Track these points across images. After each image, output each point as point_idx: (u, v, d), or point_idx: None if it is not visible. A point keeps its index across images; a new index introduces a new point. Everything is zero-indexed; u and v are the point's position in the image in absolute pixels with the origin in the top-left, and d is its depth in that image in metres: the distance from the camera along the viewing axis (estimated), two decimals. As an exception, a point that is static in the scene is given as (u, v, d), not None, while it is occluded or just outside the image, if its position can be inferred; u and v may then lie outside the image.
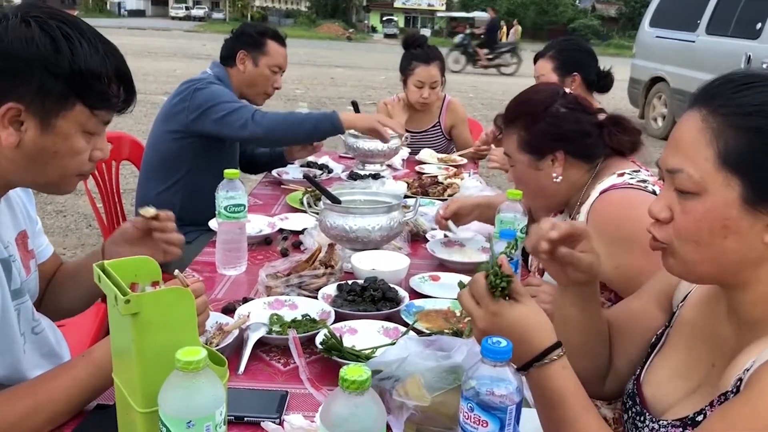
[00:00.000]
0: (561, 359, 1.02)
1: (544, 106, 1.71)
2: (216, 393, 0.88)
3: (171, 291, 0.93)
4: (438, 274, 1.92)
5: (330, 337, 1.40)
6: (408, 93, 3.57)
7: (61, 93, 1.11)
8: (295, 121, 2.59)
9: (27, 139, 1.12)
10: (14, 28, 1.08)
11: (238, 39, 2.79)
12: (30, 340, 1.32)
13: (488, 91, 14.50)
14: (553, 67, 2.78)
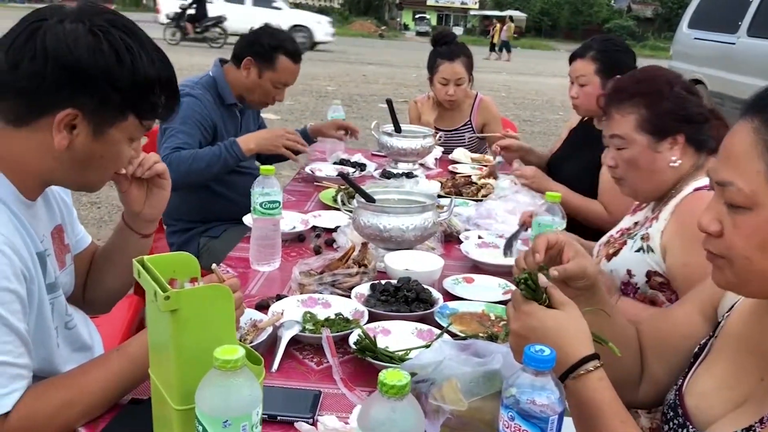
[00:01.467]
0: (598, 371, 0.99)
1: (669, 86, 1.65)
2: (253, 393, 0.88)
3: (210, 288, 0.93)
4: (472, 276, 1.90)
5: (364, 337, 1.39)
6: (435, 91, 3.55)
7: (119, 105, 1.15)
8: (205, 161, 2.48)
9: (77, 142, 1.15)
10: (82, 39, 1.10)
11: (251, 45, 2.67)
12: (63, 335, 1.33)
13: (521, 91, 14.39)
14: (595, 69, 2.65)
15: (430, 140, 3.05)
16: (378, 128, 3.14)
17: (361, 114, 9.71)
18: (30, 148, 1.15)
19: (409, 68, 18.23)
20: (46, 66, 1.08)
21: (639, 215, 1.88)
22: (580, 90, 2.70)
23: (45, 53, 1.08)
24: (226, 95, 2.69)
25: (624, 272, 1.72)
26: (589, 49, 2.70)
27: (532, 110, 11.58)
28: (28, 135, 1.14)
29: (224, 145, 2.53)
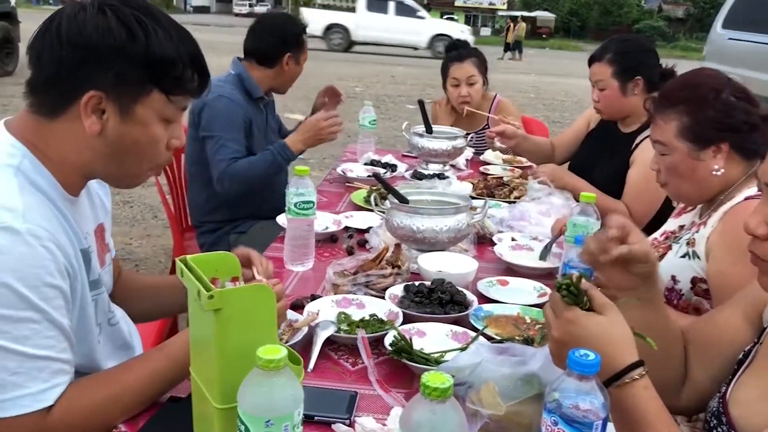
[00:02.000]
0: (643, 379, 0.97)
1: (714, 93, 1.61)
2: (295, 393, 0.88)
3: (253, 288, 0.93)
4: (506, 278, 1.88)
5: (400, 339, 1.39)
6: (449, 96, 3.53)
7: (138, 80, 1.13)
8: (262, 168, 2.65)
9: (109, 127, 1.15)
10: (91, 18, 1.11)
11: (285, 42, 2.76)
12: (105, 332, 1.34)
13: (550, 92, 14.28)
14: (612, 72, 2.58)
15: (462, 141, 3.04)
16: (409, 129, 3.14)
17: (389, 115, 9.70)
18: (67, 140, 1.16)
19: (437, 69, 18.17)
20: (62, 50, 1.10)
21: (684, 218, 1.84)
22: (600, 94, 2.65)
23: (59, 38, 1.10)
24: (253, 90, 2.76)
25: (668, 278, 1.69)
26: (605, 52, 2.63)
27: (561, 111, 11.48)
28: (63, 126, 1.15)
29: (276, 151, 2.64)
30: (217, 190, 2.64)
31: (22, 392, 1.04)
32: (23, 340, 1.03)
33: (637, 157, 2.55)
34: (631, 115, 2.66)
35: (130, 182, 1.28)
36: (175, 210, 3.03)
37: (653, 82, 2.58)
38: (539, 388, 1.17)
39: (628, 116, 2.67)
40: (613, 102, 2.63)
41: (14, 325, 1.03)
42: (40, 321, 1.05)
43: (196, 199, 2.83)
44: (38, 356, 1.05)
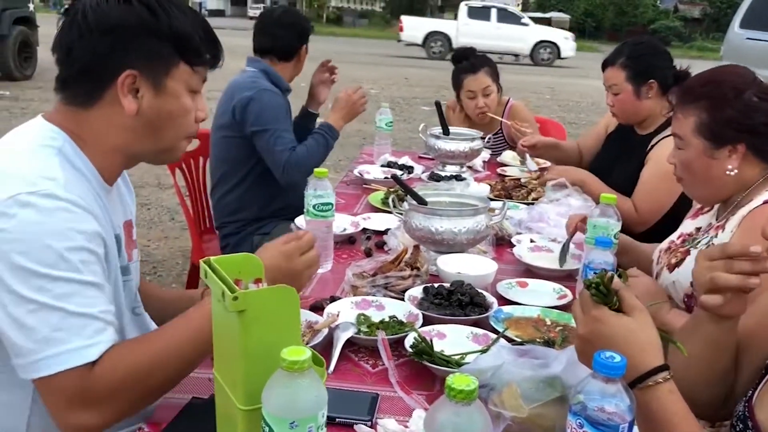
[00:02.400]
0: (668, 382, 0.96)
1: (736, 92, 1.58)
2: (319, 394, 0.88)
3: (277, 289, 0.93)
4: (526, 280, 1.88)
5: (420, 340, 1.38)
6: (465, 108, 3.50)
7: (167, 54, 1.21)
8: (319, 152, 2.80)
9: (144, 104, 1.21)
10: (114, 5, 1.18)
11: (301, 35, 2.87)
12: (131, 320, 1.37)
13: (565, 93, 14.21)
14: (626, 77, 2.56)
15: (479, 143, 3.03)
16: (426, 131, 3.13)
17: (404, 117, 9.71)
18: (106, 124, 1.21)
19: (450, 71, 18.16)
20: (93, 37, 1.17)
21: (701, 220, 1.82)
22: (615, 99, 2.63)
23: (88, 27, 1.17)
24: (281, 83, 2.84)
25: (688, 284, 1.66)
26: (618, 56, 2.61)
27: (577, 112, 11.42)
28: (101, 112, 1.21)
29: (326, 133, 2.80)
30: (280, 180, 2.73)
31: (65, 347, 1.06)
32: (65, 298, 1.07)
33: (652, 156, 2.54)
34: (647, 118, 2.64)
35: (169, 156, 1.34)
36: (193, 212, 3.04)
37: (667, 84, 2.56)
38: (562, 390, 1.16)
39: (644, 120, 2.65)
40: (628, 106, 2.61)
41: (55, 284, 1.06)
42: (81, 281, 1.09)
43: (222, 200, 2.86)
44: (80, 313, 1.08)
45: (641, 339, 0.97)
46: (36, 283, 1.05)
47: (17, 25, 10.40)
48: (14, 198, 1.06)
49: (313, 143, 2.77)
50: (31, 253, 1.05)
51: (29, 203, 1.06)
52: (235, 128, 2.72)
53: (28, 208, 1.06)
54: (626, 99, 2.59)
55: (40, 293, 1.05)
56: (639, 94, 2.57)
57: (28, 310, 1.05)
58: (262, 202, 2.80)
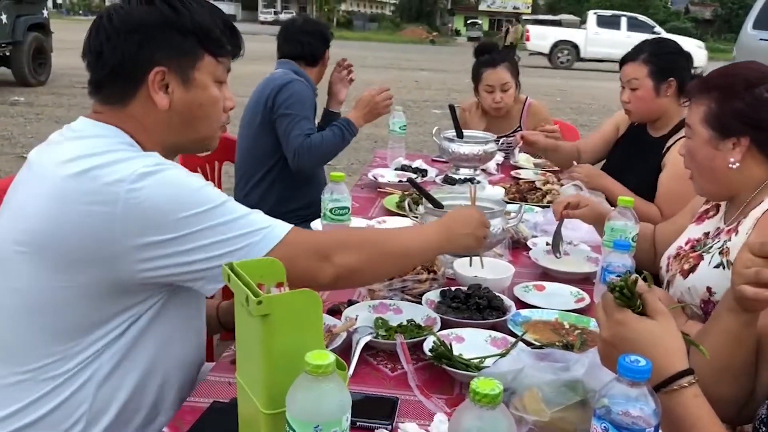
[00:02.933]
0: (693, 387, 0.96)
1: (746, 85, 1.59)
2: (343, 398, 0.88)
3: (301, 294, 0.93)
4: (543, 283, 1.87)
5: (440, 344, 1.38)
6: (481, 101, 3.51)
7: (192, 47, 1.27)
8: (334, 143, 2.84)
9: (175, 99, 1.27)
10: (137, 6, 1.25)
11: (326, 39, 2.98)
12: None
13: (576, 95, 14.17)
14: (648, 72, 2.54)
15: (493, 146, 3.02)
16: (439, 134, 3.13)
17: (415, 120, 9.70)
18: (144, 120, 1.27)
19: (461, 73, 18.09)
20: (120, 38, 1.22)
21: (708, 224, 1.81)
22: (632, 95, 2.60)
23: (114, 29, 1.23)
24: (310, 83, 2.94)
25: (704, 290, 1.65)
26: (640, 52, 2.59)
27: (589, 115, 11.38)
28: (136, 109, 1.27)
29: (344, 127, 2.85)
30: (291, 164, 2.80)
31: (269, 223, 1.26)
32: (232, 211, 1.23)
33: (669, 158, 2.52)
34: (660, 117, 2.62)
35: (206, 145, 1.41)
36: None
37: (684, 85, 2.55)
38: (583, 394, 1.16)
39: (658, 119, 2.63)
40: (646, 103, 2.59)
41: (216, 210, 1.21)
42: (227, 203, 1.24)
43: (244, 196, 2.93)
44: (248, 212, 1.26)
45: (666, 343, 0.96)
46: (204, 217, 1.18)
47: (31, 32, 10.52)
48: (139, 173, 1.15)
49: (329, 134, 2.83)
50: (185, 202, 1.18)
51: (150, 172, 1.17)
52: (265, 117, 2.83)
53: (152, 175, 1.16)
54: (645, 95, 2.56)
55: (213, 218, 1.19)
56: (658, 92, 2.56)
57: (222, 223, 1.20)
58: (279, 199, 2.88)
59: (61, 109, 9.28)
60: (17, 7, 10.16)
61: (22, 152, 6.72)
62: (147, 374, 1.28)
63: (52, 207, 1.16)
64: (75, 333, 1.20)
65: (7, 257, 1.20)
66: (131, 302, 1.22)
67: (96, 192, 1.14)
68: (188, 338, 1.36)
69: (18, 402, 1.21)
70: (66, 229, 1.15)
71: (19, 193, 1.25)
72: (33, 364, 1.20)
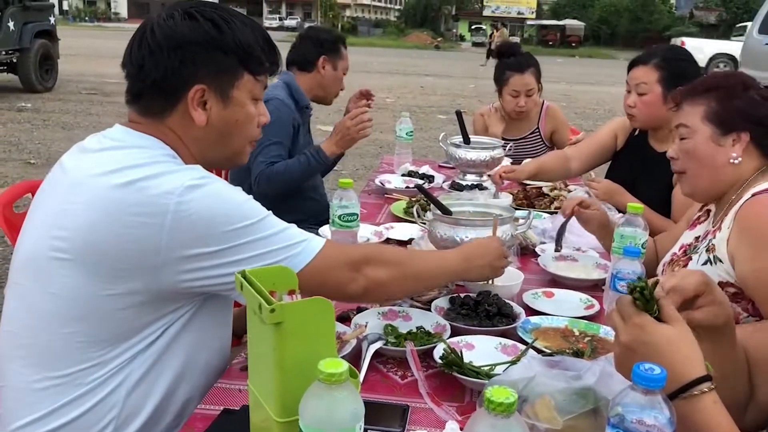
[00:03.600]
0: (711, 393, 0.95)
1: (743, 87, 1.66)
2: (356, 407, 0.88)
3: (314, 301, 0.93)
4: (552, 290, 1.86)
5: (450, 351, 1.38)
6: (504, 103, 3.52)
7: (232, 66, 1.29)
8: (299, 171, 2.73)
9: (213, 115, 1.29)
10: (181, 21, 1.26)
11: (321, 45, 2.89)
12: None
13: (581, 100, 14.16)
14: (658, 77, 2.48)
15: (500, 151, 3.01)
16: (446, 139, 3.13)
17: (420, 125, 9.70)
18: (182, 134, 1.29)
19: (466, 79, 18.19)
20: (163, 53, 1.24)
21: (699, 229, 1.82)
22: (638, 99, 2.53)
23: (157, 44, 1.24)
24: (300, 98, 2.86)
25: None
26: (652, 57, 2.53)
27: (594, 120, 11.37)
28: (174, 123, 1.29)
29: (311, 155, 2.72)
30: (253, 191, 2.65)
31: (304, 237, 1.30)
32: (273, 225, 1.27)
33: None
34: (662, 127, 2.56)
35: (238, 160, 1.43)
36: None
37: None
38: (595, 402, 1.15)
39: (660, 128, 2.58)
40: (653, 109, 2.52)
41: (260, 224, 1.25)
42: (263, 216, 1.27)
43: None
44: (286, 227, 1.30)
45: (685, 348, 0.96)
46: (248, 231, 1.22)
47: (38, 38, 10.56)
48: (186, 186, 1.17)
49: (294, 162, 2.72)
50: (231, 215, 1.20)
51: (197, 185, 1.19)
52: None
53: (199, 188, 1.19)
54: (653, 101, 2.50)
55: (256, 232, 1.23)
56: (666, 99, 2.47)
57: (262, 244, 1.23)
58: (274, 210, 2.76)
59: (68, 115, 9.31)
60: (24, 14, 10.22)
61: (29, 158, 6.75)
62: (176, 381, 1.29)
63: (96, 216, 1.16)
64: (112, 340, 1.21)
65: (43, 262, 1.20)
66: (168, 310, 1.24)
67: (144, 204, 1.15)
68: (215, 345, 1.38)
69: (48, 406, 1.21)
70: (110, 239, 1.16)
71: (53, 199, 1.25)
72: (68, 369, 1.21)
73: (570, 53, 42.50)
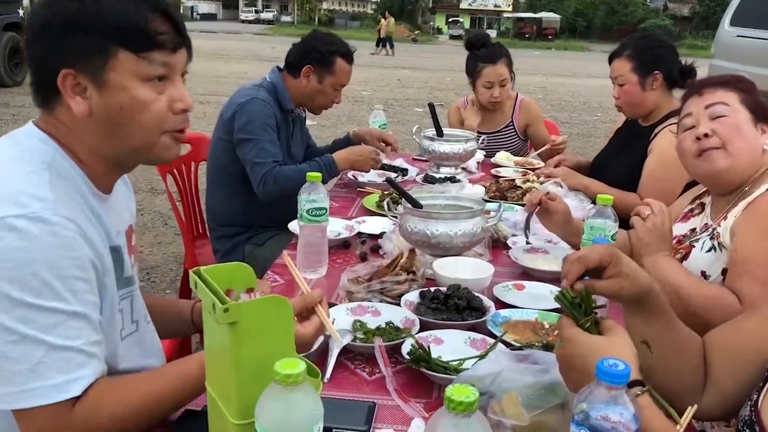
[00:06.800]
0: (642, 398, 0.95)
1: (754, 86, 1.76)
2: (314, 408, 0.85)
3: (270, 300, 0.90)
4: (522, 282, 1.85)
5: (417, 347, 1.36)
6: (477, 95, 3.52)
7: (99, 46, 1.10)
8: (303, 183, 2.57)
9: (94, 104, 1.12)
10: (44, 5, 1.13)
11: (308, 54, 2.72)
12: (143, 329, 1.32)
13: (557, 93, 14.23)
14: (632, 67, 2.62)
15: (473, 144, 3.01)
16: (419, 132, 3.11)
17: (398, 118, 9.69)
18: (72, 128, 1.15)
19: (443, 72, 18.18)
20: (32, 44, 1.13)
21: (693, 222, 1.82)
22: (620, 90, 2.68)
23: (31, 35, 1.13)
24: (284, 101, 2.74)
25: (698, 274, 1.68)
26: (625, 48, 2.68)
27: (570, 112, 11.44)
28: (62, 115, 1.15)
29: (324, 164, 2.62)
30: (257, 191, 2.60)
31: (45, 383, 1.02)
32: (49, 330, 1.02)
33: (655, 145, 2.57)
34: (652, 111, 2.68)
35: (150, 156, 1.22)
36: (186, 218, 3.01)
37: (672, 78, 2.59)
38: (563, 396, 1.14)
39: (650, 113, 2.69)
40: (633, 97, 2.65)
41: (41, 314, 1.01)
42: (67, 311, 1.03)
43: (216, 204, 2.80)
44: (64, 347, 1.03)
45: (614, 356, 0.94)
46: (20, 313, 1.00)
47: (7, 31, 10.37)
48: (2, 221, 1.01)
49: (305, 167, 2.57)
50: (16, 280, 1.00)
51: (16, 227, 1.01)
52: (228, 133, 2.66)
53: (15, 232, 1.01)
54: (631, 90, 2.64)
55: (25, 324, 1.00)
56: (644, 86, 2.62)
57: (10, 340, 1.00)
58: (252, 210, 2.70)
59: (38, 109, 9.14)
60: (-8, 7, 10.02)
61: (-3, 154, 6.60)
62: None
63: None
64: None
65: None
66: None
67: None
68: None
69: None
70: None
71: None
72: None
73: (546, 46, 42.72)
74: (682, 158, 1.77)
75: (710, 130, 1.68)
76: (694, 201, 1.91)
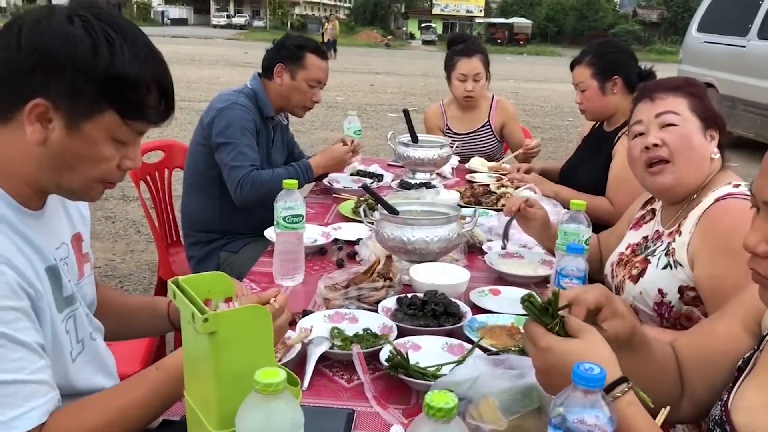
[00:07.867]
0: (627, 395, 0.96)
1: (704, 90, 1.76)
2: (295, 417, 0.85)
3: (249, 309, 0.90)
4: (498, 288, 1.87)
5: (396, 354, 1.36)
6: (453, 89, 3.59)
7: (92, 97, 1.06)
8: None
9: (53, 137, 1.07)
10: (57, 26, 1.05)
11: (278, 52, 2.76)
12: (89, 347, 1.27)
13: (529, 98, 14.37)
14: (591, 73, 2.70)
15: (447, 150, 3.03)
16: (394, 138, 3.12)
17: (371, 123, 9.70)
18: (13, 148, 1.09)
19: (416, 77, 18.25)
20: (19, 52, 1.04)
21: (645, 229, 1.85)
22: (582, 95, 2.77)
23: (18, 40, 1.04)
24: (265, 108, 2.74)
25: (655, 292, 1.68)
26: (585, 55, 2.78)
27: (542, 117, 11.55)
28: (9, 132, 1.08)
29: (300, 169, 2.67)
30: (234, 196, 2.59)
31: None
32: None
33: (619, 148, 2.62)
34: (614, 114, 2.75)
35: (79, 197, 1.20)
36: (159, 225, 2.98)
37: (631, 81, 2.66)
38: (539, 401, 1.15)
39: (612, 116, 2.76)
40: (594, 102, 2.74)
41: None
42: (4, 344, 0.99)
43: (192, 210, 2.77)
44: (7, 381, 0.98)
45: (594, 358, 0.96)
46: None
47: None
48: None
49: (282, 172, 2.62)
50: None
51: None
52: (207, 137, 2.66)
53: None
54: (592, 95, 2.72)
55: None
56: (604, 90, 2.71)
57: None
58: (229, 216, 2.70)
59: None
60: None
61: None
62: None
63: None
64: None
65: None
66: None
67: None
68: None
69: None
70: None
71: None
72: None
73: (518, 51, 43.13)
74: (631, 165, 1.79)
75: (659, 140, 1.68)
76: (645, 206, 1.93)
